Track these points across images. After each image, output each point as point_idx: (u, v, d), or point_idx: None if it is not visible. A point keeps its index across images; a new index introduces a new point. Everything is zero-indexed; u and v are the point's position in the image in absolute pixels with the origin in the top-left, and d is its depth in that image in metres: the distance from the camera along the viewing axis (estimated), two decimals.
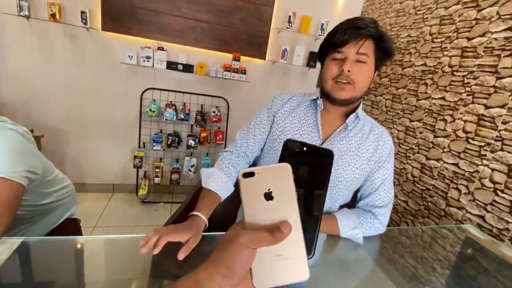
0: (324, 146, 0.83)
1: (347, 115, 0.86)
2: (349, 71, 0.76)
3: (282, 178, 0.30)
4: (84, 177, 2.39)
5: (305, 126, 0.86)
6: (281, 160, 0.32)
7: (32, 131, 1.85)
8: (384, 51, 0.79)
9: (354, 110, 0.86)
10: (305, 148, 0.32)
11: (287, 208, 0.30)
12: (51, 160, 1.03)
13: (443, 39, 1.68)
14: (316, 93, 0.89)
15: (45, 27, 1.96)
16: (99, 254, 0.78)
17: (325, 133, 0.86)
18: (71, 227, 1.08)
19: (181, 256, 0.59)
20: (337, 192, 0.86)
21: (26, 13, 1.83)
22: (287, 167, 0.30)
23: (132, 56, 2.06)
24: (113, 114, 2.28)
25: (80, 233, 1.13)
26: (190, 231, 0.64)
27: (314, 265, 0.81)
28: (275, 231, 0.28)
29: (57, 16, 1.88)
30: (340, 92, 0.79)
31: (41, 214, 0.96)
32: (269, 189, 0.30)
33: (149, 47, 2.06)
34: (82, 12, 1.92)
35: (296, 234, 0.29)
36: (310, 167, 0.32)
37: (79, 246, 0.79)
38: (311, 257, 0.31)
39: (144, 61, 2.07)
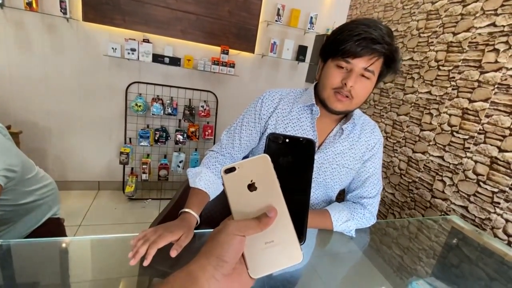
0: (320, 150, 0.83)
1: (340, 118, 0.85)
2: (352, 86, 0.71)
3: (263, 169, 0.31)
4: (68, 175, 2.30)
5: (300, 131, 0.83)
6: (266, 153, 0.33)
7: (9, 127, 1.77)
8: (390, 70, 0.75)
9: (346, 116, 0.85)
10: (287, 140, 0.34)
11: (271, 196, 0.31)
12: (31, 158, 0.98)
13: (429, 34, 1.70)
14: (310, 98, 0.83)
15: (21, 17, 1.85)
16: (85, 254, 0.75)
17: (320, 137, 0.84)
18: (54, 227, 1.03)
19: (173, 253, 0.57)
20: (332, 190, 0.88)
21: (0, 1, 1.72)
22: (265, 157, 0.31)
23: (116, 49, 1.98)
24: (97, 109, 2.20)
25: (64, 233, 1.09)
26: (181, 229, 0.63)
27: (306, 257, 0.82)
28: (262, 216, 0.30)
29: (34, 4, 1.78)
30: (336, 103, 0.75)
31: (22, 214, 0.91)
32: (251, 181, 0.31)
33: (134, 39, 1.99)
34: (61, 1, 1.82)
35: (284, 220, 0.30)
36: (294, 156, 0.34)
37: (63, 246, 0.76)
38: (303, 242, 0.32)
39: (128, 53, 2.00)
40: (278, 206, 0.30)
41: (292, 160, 0.34)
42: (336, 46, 0.71)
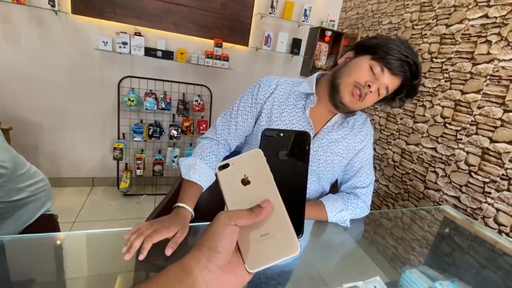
0: (316, 140, 0.83)
1: (336, 112, 0.85)
2: (371, 91, 0.73)
3: (256, 163, 0.32)
4: (61, 171, 2.27)
5: (295, 119, 0.83)
6: (261, 149, 0.33)
7: None
8: (398, 99, 0.79)
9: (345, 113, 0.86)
10: (281, 134, 0.34)
11: (265, 189, 0.31)
12: (23, 155, 0.96)
13: (423, 26, 1.70)
14: (309, 87, 0.81)
15: (7, 10, 1.79)
16: (81, 250, 0.75)
17: (316, 127, 0.84)
18: (48, 223, 1.02)
19: (168, 251, 0.56)
20: (324, 179, 0.88)
21: None
22: (258, 151, 0.32)
23: (107, 42, 1.94)
24: (89, 104, 2.17)
25: (57, 229, 1.08)
26: (176, 224, 0.62)
27: (300, 248, 0.82)
28: (254, 207, 0.30)
29: None
30: (348, 96, 0.75)
31: (14, 210, 0.90)
32: (245, 175, 0.31)
33: (125, 32, 1.95)
34: None
35: (279, 212, 0.30)
36: (290, 150, 0.34)
37: (58, 242, 0.75)
38: (301, 236, 0.31)
39: (120, 47, 1.96)
40: (273, 198, 0.31)
41: (288, 154, 0.34)
42: (384, 52, 0.71)
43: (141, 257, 0.54)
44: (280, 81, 0.87)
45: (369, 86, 0.72)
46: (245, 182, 0.31)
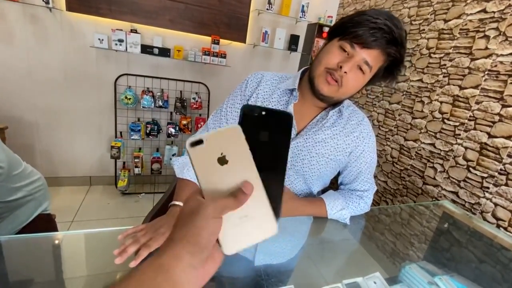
0: (299, 137, 0.78)
1: (324, 106, 0.80)
2: (345, 72, 0.66)
3: (234, 140, 0.29)
4: (58, 170, 2.26)
5: None
6: (240, 125, 0.30)
7: None
8: (388, 75, 0.71)
9: (333, 105, 0.80)
10: (263, 112, 0.32)
11: (244, 168, 0.29)
12: (18, 153, 0.95)
13: (421, 21, 1.70)
14: (293, 83, 0.78)
15: (1, 7, 1.76)
16: (79, 249, 0.74)
17: (300, 124, 0.80)
18: (45, 223, 1.01)
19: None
20: (310, 181, 0.83)
21: None
22: (236, 128, 0.29)
23: (102, 40, 1.92)
24: (86, 102, 2.15)
25: (55, 229, 1.07)
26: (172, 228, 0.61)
27: (300, 246, 0.82)
28: (238, 193, 0.28)
29: None
30: (323, 85, 0.69)
31: (10, 210, 0.89)
32: (222, 153, 0.29)
33: (121, 30, 1.93)
34: None
35: (258, 192, 0.29)
36: (271, 130, 0.32)
37: (56, 241, 0.74)
38: (278, 219, 0.30)
39: (116, 44, 1.94)
40: (252, 179, 0.29)
41: (268, 134, 0.32)
42: (349, 27, 0.65)
43: (133, 264, 0.52)
44: (265, 76, 0.83)
45: (341, 67, 0.65)
46: (223, 161, 0.29)
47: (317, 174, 0.81)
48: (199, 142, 0.29)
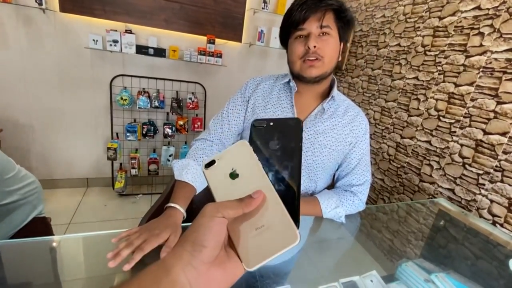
0: None
1: (321, 95, 0.85)
2: (315, 46, 0.73)
3: (242, 155, 0.31)
4: (54, 173, 2.24)
5: (279, 111, 0.85)
6: (251, 140, 0.32)
7: None
8: (345, 21, 0.77)
9: (328, 89, 0.85)
10: (271, 123, 0.33)
11: (255, 180, 0.30)
12: (13, 157, 0.94)
13: (416, 19, 1.70)
14: (288, 76, 0.86)
15: None
16: (76, 252, 0.74)
17: (301, 116, 0.84)
18: (41, 226, 1.00)
19: (163, 256, 0.55)
20: (315, 174, 0.86)
21: None
22: (243, 143, 0.31)
23: (97, 40, 1.91)
24: (81, 104, 2.13)
25: (51, 232, 1.06)
26: (168, 229, 0.60)
27: (298, 249, 0.82)
28: (244, 197, 0.28)
29: None
30: (310, 70, 0.76)
31: (4, 214, 0.88)
32: (232, 169, 0.30)
33: (116, 30, 1.92)
34: None
35: (273, 201, 0.29)
36: (281, 139, 0.33)
37: (52, 245, 0.74)
38: (297, 225, 0.29)
39: (111, 45, 1.92)
40: (265, 189, 0.29)
41: (279, 143, 0.33)
42: (286, 23, 0.77)
43: (126, 268, 0.52)
44: (264, 78, 0.92)
45: (308, 48, 0.73)
46: (234, 176, 0.30)
47: (321, 166, 0.85)
48: (212, 162, 0.31)
